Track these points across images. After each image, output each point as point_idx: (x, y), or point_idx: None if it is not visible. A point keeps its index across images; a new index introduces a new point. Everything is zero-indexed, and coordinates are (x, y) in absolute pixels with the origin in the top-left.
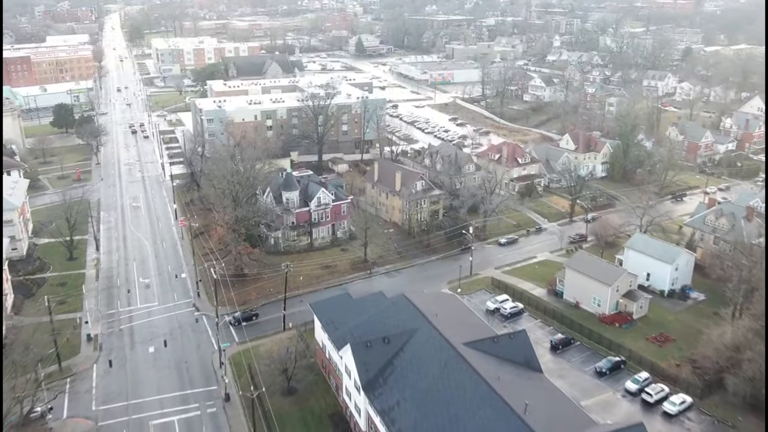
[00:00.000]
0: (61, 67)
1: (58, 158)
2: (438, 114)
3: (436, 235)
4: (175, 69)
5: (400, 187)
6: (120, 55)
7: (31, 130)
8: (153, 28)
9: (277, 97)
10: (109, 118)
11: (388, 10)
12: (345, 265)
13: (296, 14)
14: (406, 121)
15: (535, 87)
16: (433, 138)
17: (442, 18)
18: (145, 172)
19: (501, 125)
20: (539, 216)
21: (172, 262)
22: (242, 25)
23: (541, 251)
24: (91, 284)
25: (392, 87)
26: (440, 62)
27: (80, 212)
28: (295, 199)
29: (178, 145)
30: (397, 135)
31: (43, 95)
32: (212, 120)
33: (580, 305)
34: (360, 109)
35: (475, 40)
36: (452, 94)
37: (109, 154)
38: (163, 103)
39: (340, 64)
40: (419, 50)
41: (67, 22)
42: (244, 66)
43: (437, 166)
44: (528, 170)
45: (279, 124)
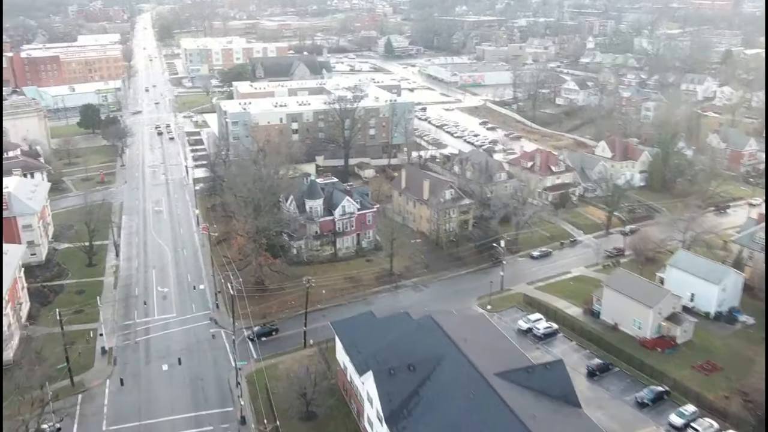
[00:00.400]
0: (90, 66)
1: (83, 159)
2: (468, 117)
3: (466, 246)
4: (203, 69)
5: (428, 195)
6: (150, 54)
7: (58, 131)
8: (183, 28)
9: (304, 100)
10: (136, 119)
11: (417, 10)
12: (370, 278)
13: (325, 14)
14: (435, 124)
15: (568, 90)
16: (463, 143)
17: (472, 18)
18: (169, 175)
19: (533, 129)
20: (574, 227)
21: (192, 270)
22: (271, 25)
23: (576, 265)
24: (108, 293)
25: (421, 89)
26: (470, 64)
27: (102, 216)
28: (318, 207)
29: (203, 147)
30: (425, 139)
31: (72, 95)
32: (237, 123)
33: (619, 327)
34: (388, 112)
35: (506, 41)
36: (482, 96)
37: (133, 155)
38: (190, 104)
39: (369, 65)
40: (449, 51)
41: (100, 21)
42: (271, 67)
43: (467, 173)
44: (562, 179)
45: (305, 127)
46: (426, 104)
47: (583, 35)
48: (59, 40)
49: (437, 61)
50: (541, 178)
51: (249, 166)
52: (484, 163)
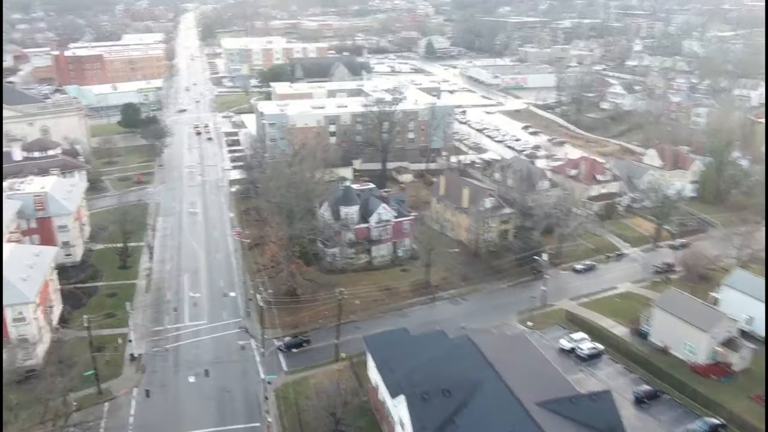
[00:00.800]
0: (133, 65)
1: (122, 159)
2: (509, 121)
3: (506, 257)
4: (244, 69)
5: (467, 203)
6: (192, 53)
7: (99, 129)
8: (226, 28)
9: (342, 102)
10: (175, 118)
11: (459, 11)
12: (405, 288)
13: (366, 14)
14: (476, 128)
15: (614, 94)
16: (504, 147)
17: (515, 19)
18: (206, 176)
19: (577, 135)
20: (620, 240)
21: (224, 275)
22: (312, 26)
23: (621, 281)
24: (140, 297)
25: (462, 91)
26: (513, 66)
27: (137, 218)
28: (354, 214)
29: (240, 148)
30: (465, 143)
31: (114, 93)
32: (274, 124)
33: (669, 350)
34: (427, 116)
35: (549, 43)
36: (525, 100)
37: (172, 155)
38: (229, 104)
39: (409, 67)
40: (491, 53)
41: (145, 20)
42: (310, 67)
43: (508, 181)
44: (608, 188)
45: (342, 130)
46: (466, 107)
47: (629, 37)
48: (105, 39)
49: (479, 63)
50: (586, 187)
51: (284, 171)
52: (527, 170)
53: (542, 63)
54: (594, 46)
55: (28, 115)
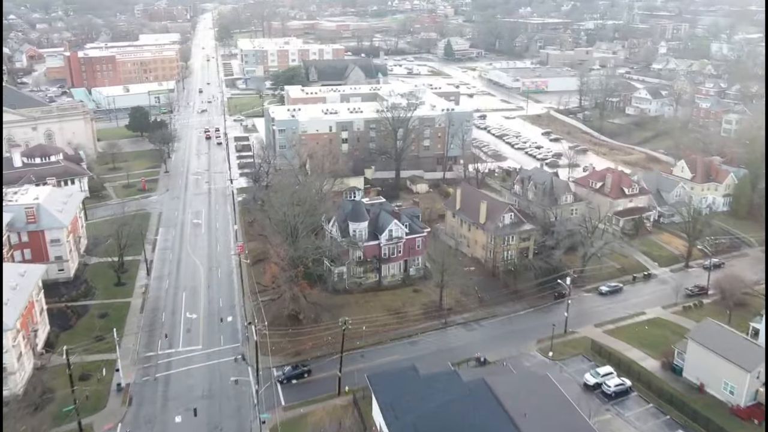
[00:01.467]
0: (145, 67)
1: (128, 164)
2: (530, 127)
3: (525, 277)
4: (259, 70)
5: (485, 219)
6: (207, 54)
7: (107, 133)
8: (243, 28)
9: (356, 107)
10: (186, 122)
11: (479, 11)
12: (416, 311)
13: (385, 15)
14: (495, 134)
15: (639, 99)
16: (524, 155)
17: (536, 21)
18: (213, 183)
19: (600, 141)
20: (648, 258)
21: (224, 294)
22: (330, 26)
23: (650, 305)
24: (133, 317)
25: (481, 95)
26: (533, 69)
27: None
28: (363, 231)
29: (251, 153)
30: (483, 150)
31: (125, 96)
32: (284, 131)
33: (706, 389)
34: (444, 122)
35: (572, 45)
36: (546, 104)
37: (179, 161)
38: (241, 107)
39: (427, 69)
40: (511, 55)
41: (163, 20)
42: (325, 70)
43: (529, 194)
44: (635, 202)
45: (355, 136)
46: (485, 111)
47: (654, 39)
48: (122, 39)
49: (498, 65)
50: (612, 201)
51: (289, 185)
52: (549, 183)
53: (564, 66)
54: (617, 48)
55: (32, 119)
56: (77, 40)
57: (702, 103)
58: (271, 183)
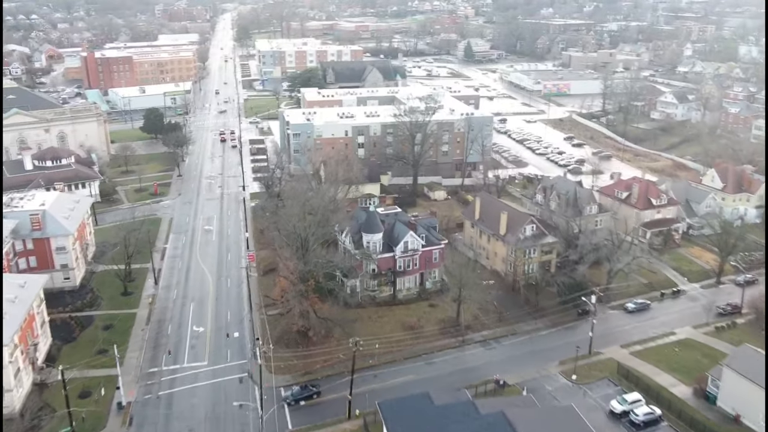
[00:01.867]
0: (162, 68)
1: (141, 167)
2: (551, 131)
3: (547, 293)
4: (276, 71)
5: (505, 230)
6: (225, 55)
7: (122, 135)
8: (262, 28)
9: (373, 110)
10: (201, 123)
11: (500, 12)
12: (432, 328)
13: (405, 15)
14: (515, 138)
15: (665, 103)
16: (545, 161)
17: (558, 22)
18: (226, 188)
19: (624, 147)
20: (676, 273)
21: (233, 306)
22: (349, 27)
23: (680, 324)
24: (139, 329)
25: (501, 98)
26: (555, 71)
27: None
28: (377, 242)
29: (265, 157)
30: (504, 156)
31: (141, 97)
32: (299, 135)
33: (742, 420)
34: (463, 127)
35: (594, 47)
36: (568, 108)
37: (192, 164)
38: (257, 109)
39: (447, 70)
40: (533, 57)
41: (183, 20)
42: (342, 72)
43: (551, 204)
44: (663, 213)
45: (371, 141)
46: (506, 115)
47: (680, 41)
48: (141, 39)
49: (519, 68)
50: (639, 212)
51: (300, 195)
52: (573, 193)
53: (587, 68)
54: (642, 51)
55: (44, 121)
56: (97, 40)
57: (730, 107)
58: (283, 190)
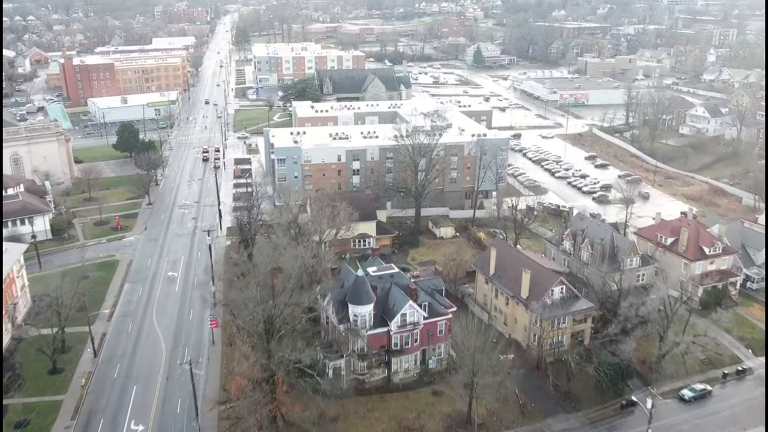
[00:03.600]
0: (147, 75)
1: (107, 193)
2: (570, 148)
3: (581, 373)
4: (272, 78)
5: (527, 293)
6: (221, 60)
7: (93, 153)
8: (263, 31)
9: (371, 130)
10: (184, 138)
11: (511, 15)
12: (436, 425)
13: (412, 17)
14: (531, 158)
15: (695, 117)
16: (566, 186)
17: (572, 25)
18: (201, 220)
19: (652, 168)
20: (736, 342)
21: (185, 394)
22: (353, 29)
23: (752, 420)
24: (62, 426)
25: (514, 108)
26: (571, 79)
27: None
28: (367, 316)
29: (250, 181)
30: (519, 180)
31: (121, 108)
32: (284, 160)
33: None
34: (475, 151)
35: (611, 51)
36: (587, 120)
37: (167, 189)
38: (249, 121)
39: (455, 77)
40: (546, 62)
41: (182, 22)
42: (341, 81)
43: (582, 253)
44: (717, 264)
45: (368, 167)
46: (519, 129)
47: (701, 46)
48: (135, 42)
49: (533, 75)
50: (690, 263)
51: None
52: (609, 241)
53: (604, 75)
54: (663, 56)
55: None
56: (89, 43)
57: None
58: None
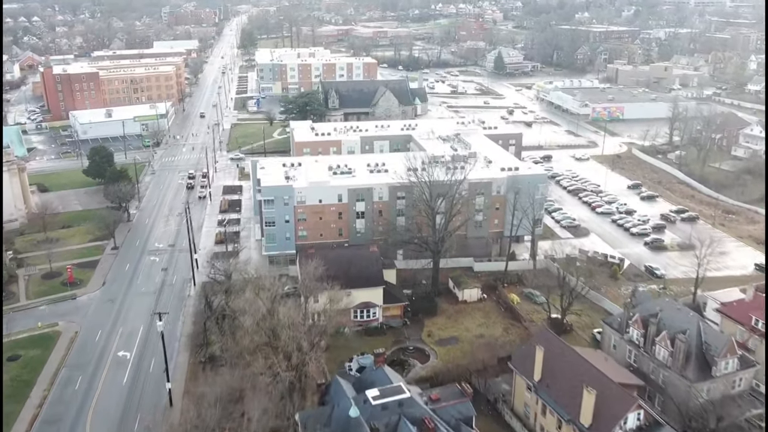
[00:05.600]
0: (136, 85)
1: (66, 234)
2: (608, 172)
3: None
4: (276, 87)
5: (590, 418)
6: (224, 65)
7: (63, 179)
8: (272, 33)
9: (379, 162)
10: (171, 159)
11: (532, 17)
12: None
13: (428, 19)
14: (566, 186)
15: (750, 137)
16: (610, 225)
17: (598, 29)
18: (174, 271)
19: (706, 199)
20: None
21: None
22: (366, 32)
23: None
24: None
25: (540, 122)
26: (603, 90)
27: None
28: None
29: (238, 217)
30: (554, 217)
31: (104, 123)
32: (273, 201)
33: None
34: (504, 188)
35: (641, 58)
36: (623, 138)
37: (139, 228)
38: (244, 139)
39: (474, 86)
40: (572, 69)
41: (190, 24)
42: (349, 95)
43: (657, 349)
44: None
45: (376, 209)
46: (549, 149)
47: (740, 52)
48: (136, 45)
49: (560, 84)
50: None
51: None
52: (695, 335)
53: (638, 85)
54: (700, 63)
55: None
56: (88, 46)
57: None
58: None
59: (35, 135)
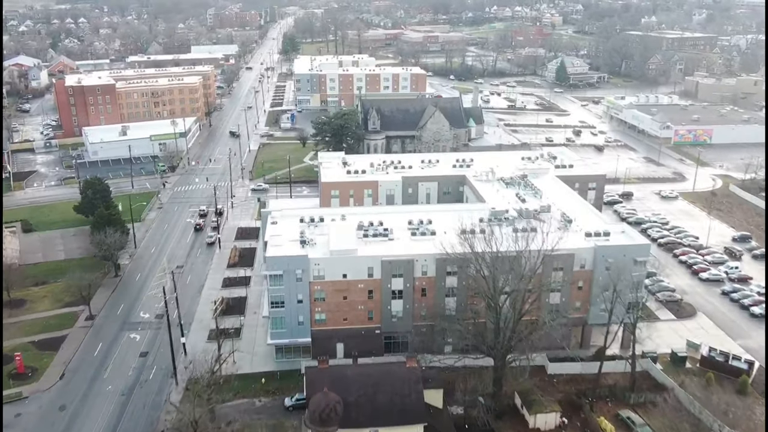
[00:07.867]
0: (157, 99)
1: (43, 292)
2: (703, 217)
3: None
4: (314, 100)
5: None
6: (262, 73)
7: (54, 214)
8: (317, 37)
9: (425, 219)
10: (185, 188)
11: (594, 21)
12: None
13: (482, 23)
14: (656, 239)
15: None
16: (721, 298)
17: (671, 35)
18: (153, 359)
19: None
20: None
21: None
22: (416, 37)
23: None
24: None
25: (613, 146)
26: (685, 108)
27: None
28: None
29: (247, 273)
30: (647, 286)
31: (118, 142)
32: (280, 277)
33: None
34: (590, 261)
35: (722, 68)
36: (714, 169)
37: (128, 287)
38: (270, 165)
39: (534, 99)
40: (643, 81)
41: (234, 27)
42: (392, 116)
43: None
44: None
45: (418, 286)
46: (627, 182)
47: None
48: (174, 50)
49: (633, 99)
50: None
51: None
52: None
53: (723, 101)
54: None
55: None
56: (125, 50)
57: None
58: None
59: (42, 155)
